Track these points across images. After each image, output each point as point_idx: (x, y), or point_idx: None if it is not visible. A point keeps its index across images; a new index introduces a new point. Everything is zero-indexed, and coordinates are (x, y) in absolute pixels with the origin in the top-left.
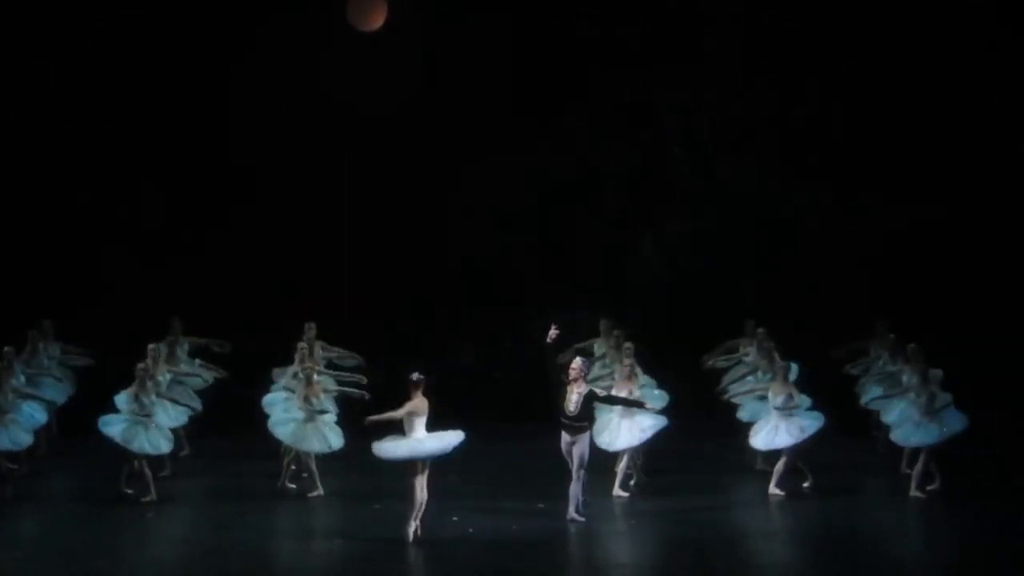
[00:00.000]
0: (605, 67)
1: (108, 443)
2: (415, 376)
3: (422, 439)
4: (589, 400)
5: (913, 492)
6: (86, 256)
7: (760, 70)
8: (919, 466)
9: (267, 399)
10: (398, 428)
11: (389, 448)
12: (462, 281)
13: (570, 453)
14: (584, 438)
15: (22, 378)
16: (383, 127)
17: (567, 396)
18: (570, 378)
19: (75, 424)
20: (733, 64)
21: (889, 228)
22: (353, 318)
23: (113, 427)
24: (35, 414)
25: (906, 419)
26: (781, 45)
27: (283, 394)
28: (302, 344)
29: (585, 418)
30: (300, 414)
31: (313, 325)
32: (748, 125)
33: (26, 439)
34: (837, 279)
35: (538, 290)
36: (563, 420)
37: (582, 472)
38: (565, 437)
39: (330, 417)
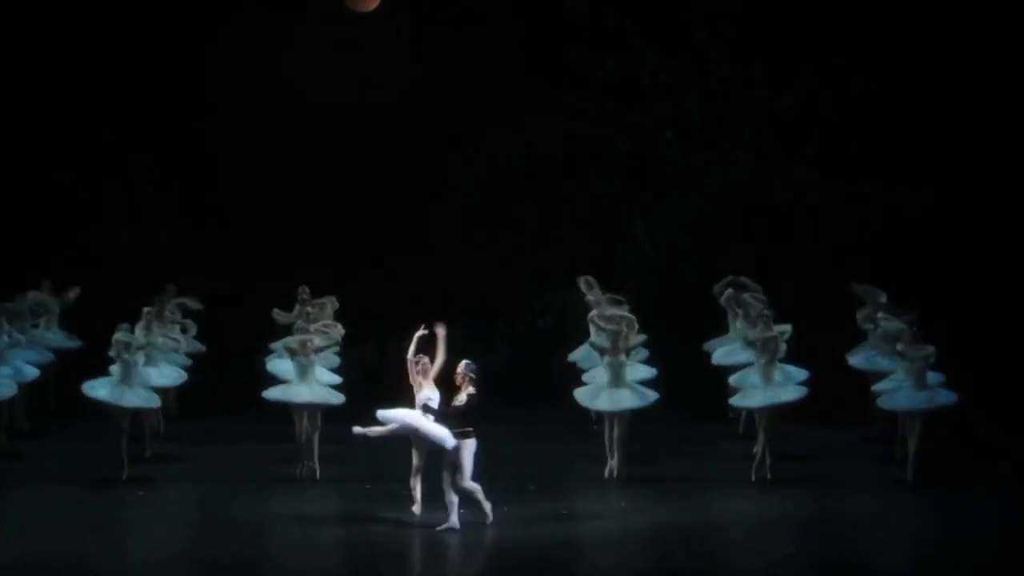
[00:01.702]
0: (595, 50)
1: (98, 408)
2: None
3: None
4: (473, 405)
5: (910, 477)
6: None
7: (751, 54)
8: (912, 445)
9: (271, 365)
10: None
11: (394, 413)
12: (452, 266)
13: (456, 461)
14: (471, 444)
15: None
16: (372, 111)
17: (453, 400)
18: (456, 382)
19: (66, 401)
20: (724, 48)
21: (882, 214)
22: (342, 301)
23: (100, 390)
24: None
25: (899, 387)
26: (773, 28)
27: (285, 358)
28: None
29: (472, 423)
30: (294, 373)
31: (306, 288)
32: (739, 109)
33: None
34: (829, 265)
35: (530, 273)
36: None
37: (468, 481)
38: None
39: (328, 379)
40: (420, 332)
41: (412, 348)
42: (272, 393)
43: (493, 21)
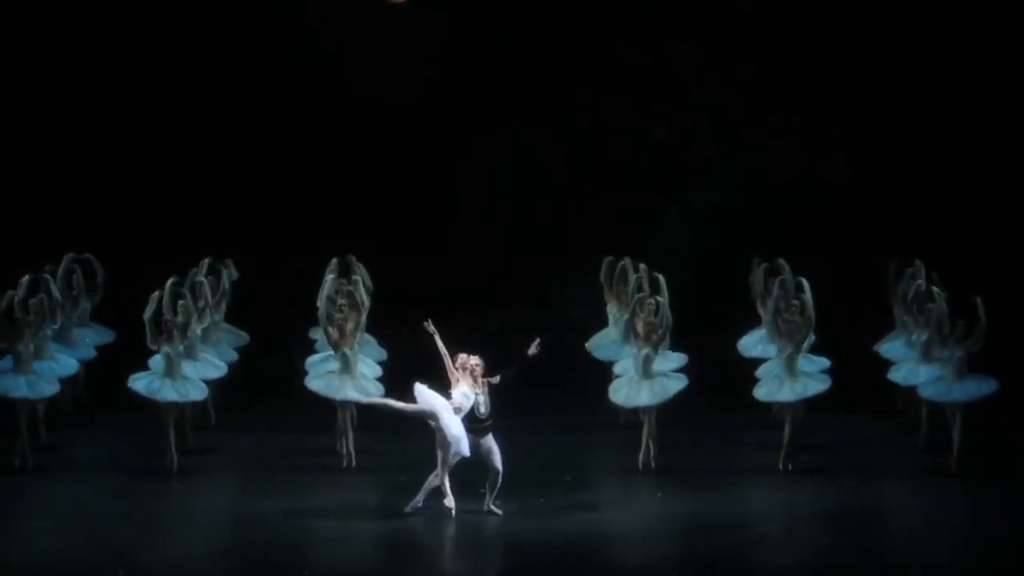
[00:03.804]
0: (627, 40)
1: (139, 401)
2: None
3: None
4: (494, 394)
5: (954, 468)
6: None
7: (784, 42)
8: (955, 436)
9: (310, 359)
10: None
11: (428, 395)
12: (484, 254)
13: (489, 454)
14: (490, 438)
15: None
16: (403, 101)
17: (462, 402)
18: (474, 377)
19: (104, 390)
20: (756, 37)
21: (915, 202)
22: (374, 293)
23: (138, 382)
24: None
25: (938, 377)
26: (805, 16)
27: (326, 353)
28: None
29: (492, 416)
30: (336, 365)
31: (357, 278)
32: (772, 98)
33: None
34: (862, 253)
35: (561, 262)
36: (471, 424)
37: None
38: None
39: (370, 372)
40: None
41: (440, 345)
42: (314, 384)
43: (525, 10)
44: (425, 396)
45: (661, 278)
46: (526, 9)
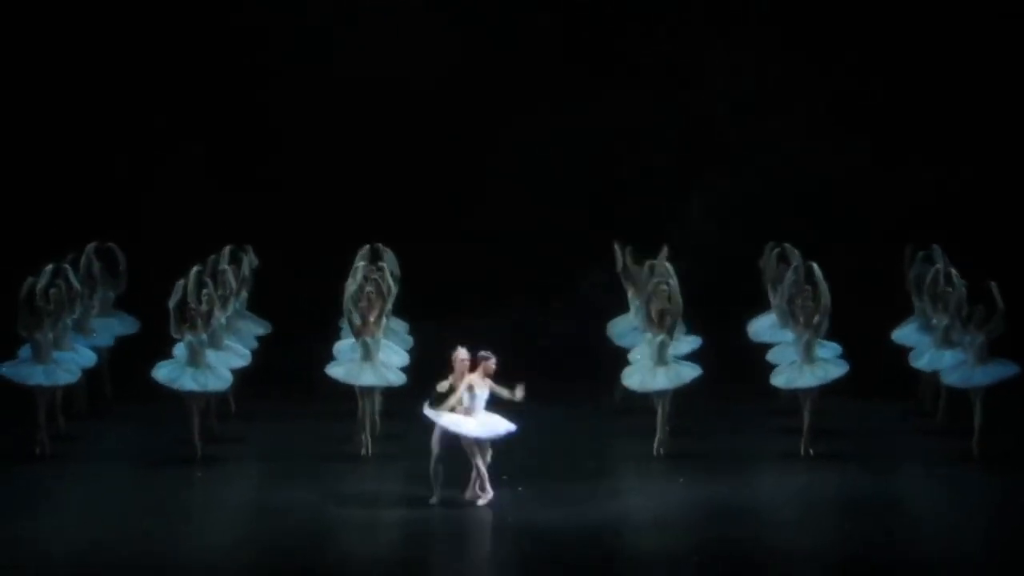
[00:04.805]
0: (647, 27)
1: (164, 391)
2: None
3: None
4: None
5: (976, 453)
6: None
7: (803, 29)
8: (976, 421)
9: (337, 345)
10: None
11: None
12: (506, 243)
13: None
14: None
15: None
16: (425, 90)
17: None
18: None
19: (129, 380)
20: (776, 24)
21: (936, 189)
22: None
23: (161, 371)
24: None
25: (959, 363)
26: (824, 4)
27: (351, 341)
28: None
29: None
30: (359, 352)
31: (384, 265)
32: (791, 85)
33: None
34: (882, 240)
35: (584, 251)
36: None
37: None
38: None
39: (397, 360)
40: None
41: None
42: (335, 371)
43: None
44: (437, 420)
45: (667, 263)
46: None
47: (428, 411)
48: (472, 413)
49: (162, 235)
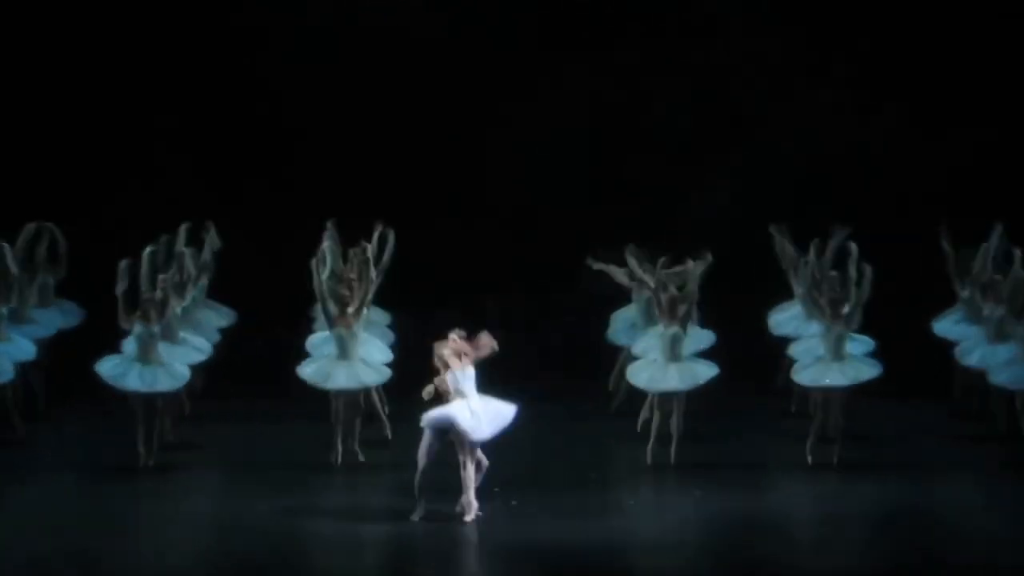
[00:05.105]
0: None
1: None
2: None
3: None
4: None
5: None
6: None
7: None
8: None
9: (311, 339)
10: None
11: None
12: (505, 222)
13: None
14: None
15: None
16: (423, 54)
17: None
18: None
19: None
20: None
21: (974, 157)
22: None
23: (104, 365)
24: None
25: (1010, 360)
26: None
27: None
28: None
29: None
30: (334, 350)
31: (367, 245)
32: (819, 45)
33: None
34: (917, 212)
35: (590, 231)
36: None
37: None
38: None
39: (379, 356)
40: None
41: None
42: (306, 372)
43: None
44: (433, 420)
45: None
46: None
47: (428, 417)
48: (465, 398)
49: (110, 213)
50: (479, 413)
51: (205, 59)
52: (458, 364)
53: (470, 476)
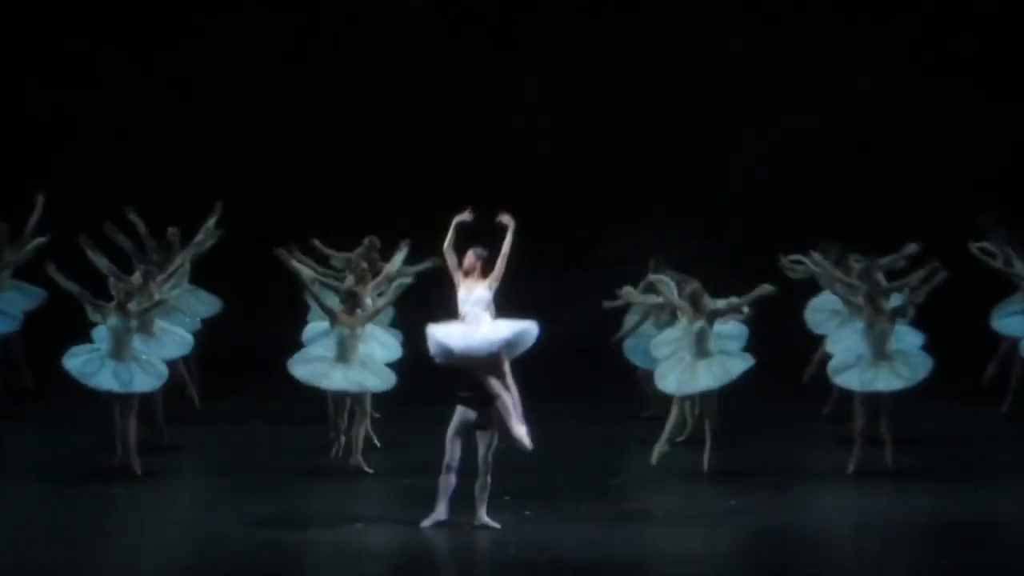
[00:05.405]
0: None
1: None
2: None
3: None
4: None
5: None
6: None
7: None
8: None
9: (308, 331)
10: None
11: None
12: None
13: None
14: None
15: None
16: (421, 51)
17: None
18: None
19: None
20: None
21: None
22: (390, 243)
23: (73, 359)
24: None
25: None
26: None
27: (324, 325)
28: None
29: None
30: (333, 350)
31: (376, 240)
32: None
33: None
34: (969, 187)
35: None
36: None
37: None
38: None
39: (381, 355)
40: (462, 218)
41: (450, 237)
42: (300, 371)
43: None
44: (438, 339)
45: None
46: None
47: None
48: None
49: (81, 185)
50: (471, 334)
51: (204, 55)
52: (460, 280)
53: (505, 406)
